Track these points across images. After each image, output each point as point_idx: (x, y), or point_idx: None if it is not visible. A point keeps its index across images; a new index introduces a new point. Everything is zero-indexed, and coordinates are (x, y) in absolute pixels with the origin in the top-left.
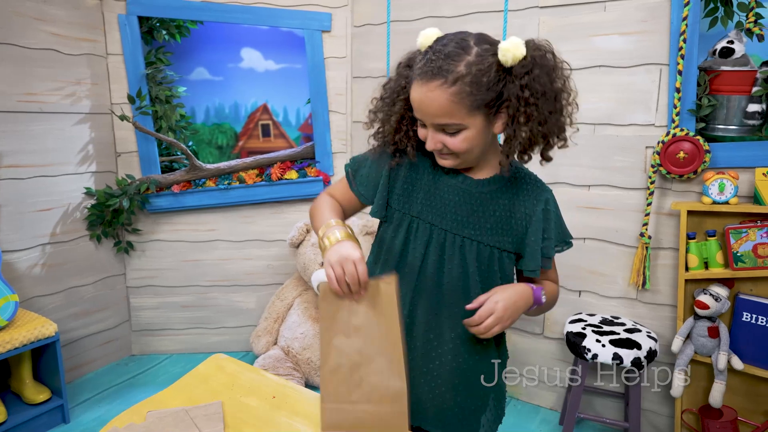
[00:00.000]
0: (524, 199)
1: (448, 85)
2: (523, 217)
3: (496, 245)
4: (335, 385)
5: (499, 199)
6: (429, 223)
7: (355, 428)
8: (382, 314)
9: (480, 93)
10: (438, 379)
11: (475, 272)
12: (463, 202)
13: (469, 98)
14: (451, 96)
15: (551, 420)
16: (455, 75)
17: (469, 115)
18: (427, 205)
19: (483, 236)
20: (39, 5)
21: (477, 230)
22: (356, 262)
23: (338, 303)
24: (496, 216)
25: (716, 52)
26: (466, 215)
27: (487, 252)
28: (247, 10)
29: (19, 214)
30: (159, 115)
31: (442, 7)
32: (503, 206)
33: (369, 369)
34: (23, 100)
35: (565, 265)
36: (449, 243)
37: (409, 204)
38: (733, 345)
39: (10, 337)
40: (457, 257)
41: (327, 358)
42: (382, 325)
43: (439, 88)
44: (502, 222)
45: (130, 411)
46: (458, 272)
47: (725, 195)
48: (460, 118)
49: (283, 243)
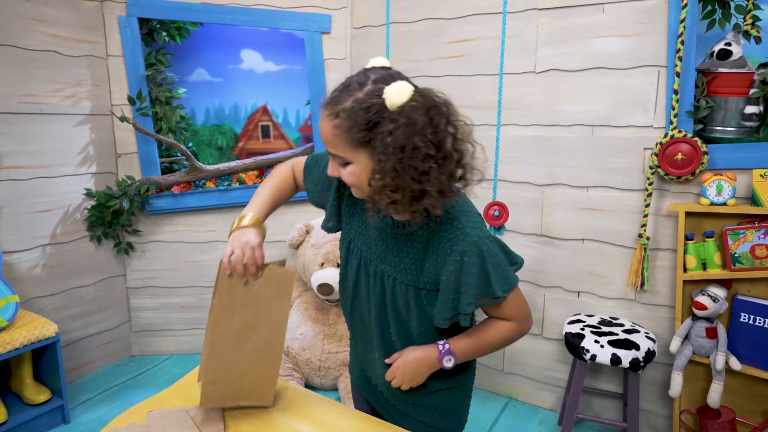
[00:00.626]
0: (436, 249)
1: (332, 117)
2: (433, 265)
3: (412, 283)
4: (221, 346)
5: (414, 243)
6: (359, 250)
7: (232, 382)
8: (275, 295)
9: (356, 131)
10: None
11: (391, 304)
12: (382, 239)
13: (347, 134)
14: (333, 128)
15: (550, 420)
16: (339, 108)
17: (352, 150)
18: (359, 233)
19: (398, 273)
20: (39, 7)
21: (393, 267)
22: (254, 247)
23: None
24: (410, 257)
25: (714, 54)
26: (383, 251)
27: (402, 288)
28: (246, 11)
29: (20, 215)
30: (159, 116)
31: (441, 9)
32: (417, 250)
33: (254, 335)
34: (23, 101)
35: (564, 266)
36: (372, 271)
37: (350, 226)
38: (731, 346)
39: (11, 338)
40: (378, 287)
41: (217, 322)
42: (274, 303)
43: (326, 118)
44: (416, 264)
45: (131, 411)
46: (378, 300)
47: (723, 196)
48: (344, 151)
49: (282, 244)
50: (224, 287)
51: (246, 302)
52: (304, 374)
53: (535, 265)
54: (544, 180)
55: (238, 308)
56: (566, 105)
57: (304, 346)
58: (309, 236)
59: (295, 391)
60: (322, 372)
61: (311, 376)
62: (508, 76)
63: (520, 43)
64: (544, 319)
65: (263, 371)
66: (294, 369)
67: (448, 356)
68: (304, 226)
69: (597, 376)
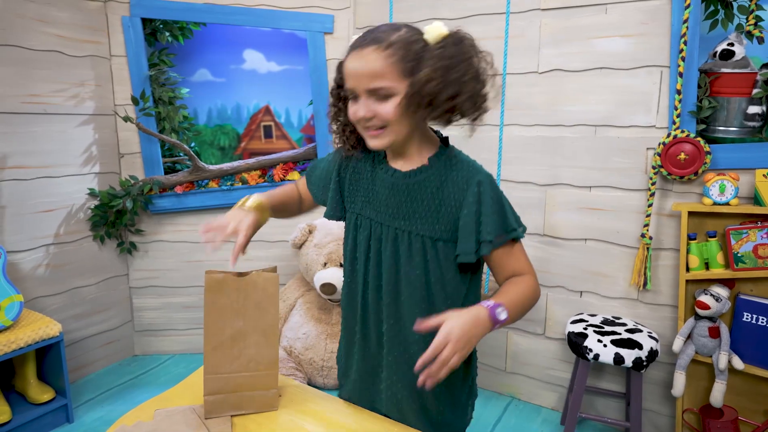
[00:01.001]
0: (453, 185)
1: (382, 49)
2: (452, 203)
3: (428, 234)
4: (216, 359)
5: (427, 188)
6: (368, 219)
7: (233, 392)
8: (263, 302)
9: (409, 59)
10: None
11: (407, 263)
12: (392, 194)
13: (401, 63)
14: (384, 58)
15: (553, 420)
16: (389, 41)
17: (400, 80)
18: (367, 202)
19: (413, 226)
20: (42, 7)
21: (407, 221)
22: (244, 228)
23: (221, 291)
24: (424, 205)
25: (717, 54)
26: (395, 207)
27: (419, 242)
28: (249, 12)
29: (23, 215)
30: (162, 116)
31: (443, 9)
32: (431, 195)
33: (246, 344)
34: (27, 101)
35: (567, 265)
36: (384, 235)
37: (354, 203)
38: (734, 345)
39: (15, 337)
40: (390, 249)
41: (210, 337)
42: (261, 309)
43: (374, 52)
44: (432, 211)
45: (138, 409)
46: (391, 263)
47: (726, 196)
48: (392, 80)
49: (285, 244)
50: (210, 301)
51: (234, 312)
52: (307, 374)
53: (538, 265)
54: (546, 180)
55: (227, 319)
56: (569, 105)
57: (307, 346)
58: (312, 236)
59: (301, 389)
60: (325, 371)
61: (314, 375)
62: (511, 76)
63: (523, 44)
64: (547, 319)
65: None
66: (297, 368)
67: (499, 308)
68: (306, 226)
69: (600, 375)
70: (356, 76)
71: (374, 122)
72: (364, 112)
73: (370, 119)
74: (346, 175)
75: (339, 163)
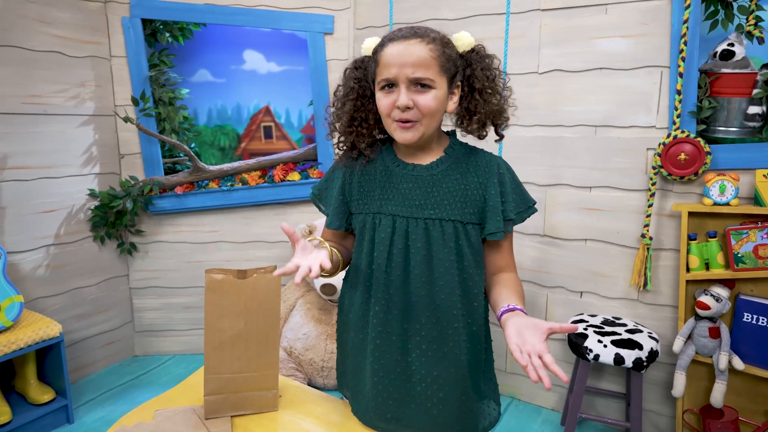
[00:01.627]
0: (475, 170)
1: (426, 43)
2: (477, 186)
3: (458, 219)
4: (217, 360)
5: (450, 176)
6: (391, 215)
7: (233, 392)
8: (263, 303)
9: (448, 60)
10: (413, 367)
11: (440, 250)
12: (417, 187)
13: (441, 59)
14: (429, 51)
15: (553, 420)
16: (431, 37)
17: (439, 75)
18: (385, 199)
19: (443, 213)
20: (43, 8)
21: (436, 209)
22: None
23: (222, 291)
24: (451, 192)
25: (717, 54)
26: (422, 198)
27: (450, 227)
28: (249, 12)
29: (24, 216)
30: (162, 116)
31: (444, 9)
32: (456, 181)
33: (247, 344)
34: (28, 102)
35: (567, 266)
36: (412, 228)
37: (368, 204)
38: (734, 345)
39: (16, 338)
40: (422, 240)
41: (211, 338)
42: (263, 311)
43: (419, 44)
44: (459, 196)
45: (138, 410)
46: (423, 254)
47: (726, 196)
48: (433, 74)
49: (285, 244)
50: (211, 301)
51: (235, 313)
52: (307, 374)
53: (538, 266)
54: (547, 180)
55: (228, 320)
56: (569, 105)
57: (307, 347)
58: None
59: (301, 390)
60: (325, 372)
61: (314, 376)
62: (512, 77)
63: (523, 44)
64: (547, 319)
65: (262, 379)
66: (297, 369)
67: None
68: (307, 227)
69: (600, 376)
70: (400, 64)
71: (411, 113)
72: (405, 100)
73: (409, 109)
74: (353, 182)
75: (342, 180)
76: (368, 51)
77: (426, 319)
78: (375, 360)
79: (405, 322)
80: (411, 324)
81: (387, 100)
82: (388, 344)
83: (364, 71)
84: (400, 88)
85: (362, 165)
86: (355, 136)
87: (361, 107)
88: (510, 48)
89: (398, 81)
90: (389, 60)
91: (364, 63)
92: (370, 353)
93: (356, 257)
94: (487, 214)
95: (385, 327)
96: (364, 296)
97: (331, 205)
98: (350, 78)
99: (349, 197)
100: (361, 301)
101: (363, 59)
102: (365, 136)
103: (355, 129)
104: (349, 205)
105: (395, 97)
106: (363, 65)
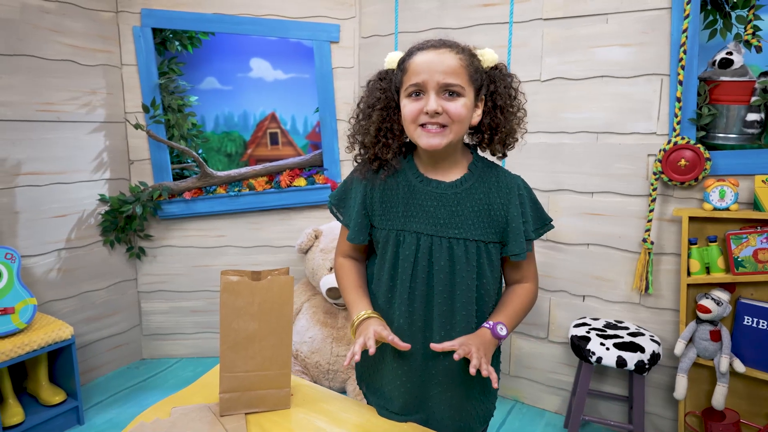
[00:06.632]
0: (497, 190)
1: (456, 52)
2: (500, 207)
3: (481, 238)
4: (232, 359)
5: (474, 195)
6: (415, 232)
7: (247, 390)
8: (277, 304)
9: (476, 72)
10: (439, 378)
11: (463, 269)
12: (441, 205)
13: (469, 69)
14: (459, 60)
15: (556, 423)
16: (460, 47)
17: (468, 85)
18: (409, 216)
19: (467, 233)
20: (57, 18)
21: (460, 229)
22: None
23: (237, 292)
24: (474, 211)
25: (716, 62)
26: (447, 217)
27: (474, 247)
28: (257, 21)
29: (36, 220)
30: (171, 123)
31: (448, 19)
32: (479, 201)
33: (262, 345)
34: (41, 109)
35: (570, 270)
36: (436, 246)
37: (391, 220)
38: (735, 348)
39: (29, 340)
40: (445, 258)
41: (226, 337)
42: (276, 312)
43: (449, 52)
44: (482, 215)
45: (156, 407)
46: (446, 272)
47: (726, 201)
48: (464, 82)
49: (291, 249)
50: (226, 302)
51: (250, 314)
52: (312, 377)
53: (541, 270)
54: (549, 186)
55: (243, 321)
56: (571, 112)
57: (313, 349)
58: (318, 241)
59: (313, 389)
60: (330, 375)
61: (320, 378)
62: None
63: (526, 52)
64: (550, 323)
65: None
66: (303, 371)
67: (499, 325)
68: (313, 231)
69: (602, 379)
70: (431, 70)
71: (441, 119)
72: (435, 105)
73: (438, 115)
74: (374, 196)
75: (363, 194)
76: (392, 64)
77: (446, 333)
78: (398, 366)
79: (428, 336)
80: (434, 338)
81: (413, 106)
82: (412, 356)
83: (389, 82)
84: (429, 94)
85: (382, 179)
86: (381, 146)
87: (387, 117)
88: (513, 56)
89: (427, 87)
90: (418, 67)
91: (389, 75)
92: (393, 359)
93: (378, 270)
94: (509, 235)
95: (408, 340)
96: (385, 307)
97: (352, 219)
98: (375, 89)
99: (371, 212)
100: (381, 313)
101: (387, 71)
102: (390, 147)
103: (380, 139)
104: (370, 218)
105: (422, 104)
106: (387, 77)
